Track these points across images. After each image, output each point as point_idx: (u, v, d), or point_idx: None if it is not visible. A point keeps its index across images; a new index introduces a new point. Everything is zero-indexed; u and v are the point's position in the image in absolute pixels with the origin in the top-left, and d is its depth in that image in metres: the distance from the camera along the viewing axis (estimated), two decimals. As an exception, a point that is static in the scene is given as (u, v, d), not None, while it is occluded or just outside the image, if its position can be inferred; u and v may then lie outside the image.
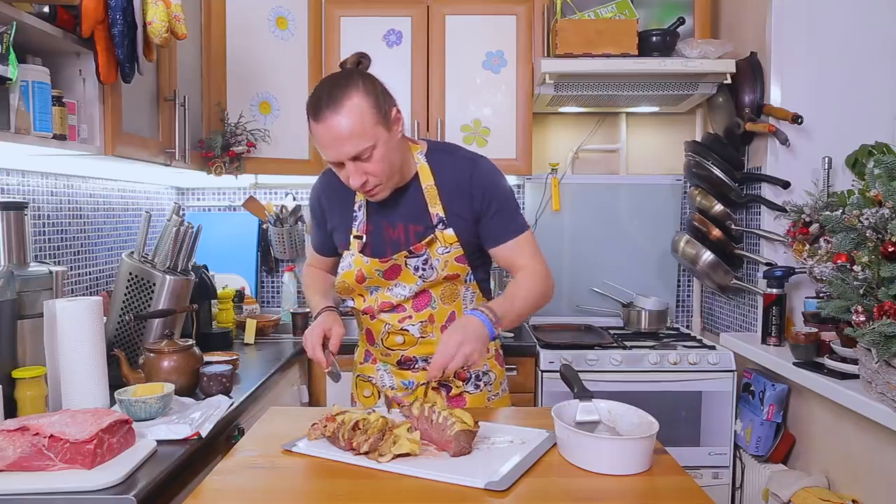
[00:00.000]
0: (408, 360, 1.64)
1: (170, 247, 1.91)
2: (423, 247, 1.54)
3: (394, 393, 1.67)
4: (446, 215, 1.54)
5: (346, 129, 1.38)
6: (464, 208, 1.54)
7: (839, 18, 2.31)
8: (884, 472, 1.78)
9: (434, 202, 1.54)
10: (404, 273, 1.56)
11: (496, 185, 1.56)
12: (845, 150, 2.23)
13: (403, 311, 1.59)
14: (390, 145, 1.44)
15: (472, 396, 1.65)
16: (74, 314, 1.45)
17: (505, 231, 1.56)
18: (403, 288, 1.58)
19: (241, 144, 2.45)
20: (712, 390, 2.41)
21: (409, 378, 1.65)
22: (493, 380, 1.68)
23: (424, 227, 1.55)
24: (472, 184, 1.54)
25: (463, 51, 2.67)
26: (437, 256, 1.54)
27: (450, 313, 1.61)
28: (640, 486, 1.12)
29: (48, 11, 1.50)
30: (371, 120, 1.39)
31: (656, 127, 3.06)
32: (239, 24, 2.53)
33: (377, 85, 1.44)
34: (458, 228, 1.55)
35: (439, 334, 1.59)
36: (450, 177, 1.55)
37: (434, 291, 1.59)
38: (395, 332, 1.61)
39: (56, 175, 2.08)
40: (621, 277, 2.97)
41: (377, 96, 1.41)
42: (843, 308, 1.73)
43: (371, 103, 1.40)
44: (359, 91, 1.39)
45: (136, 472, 1.22)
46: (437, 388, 1.65)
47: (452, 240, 1.54)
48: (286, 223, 2.90)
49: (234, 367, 1.86)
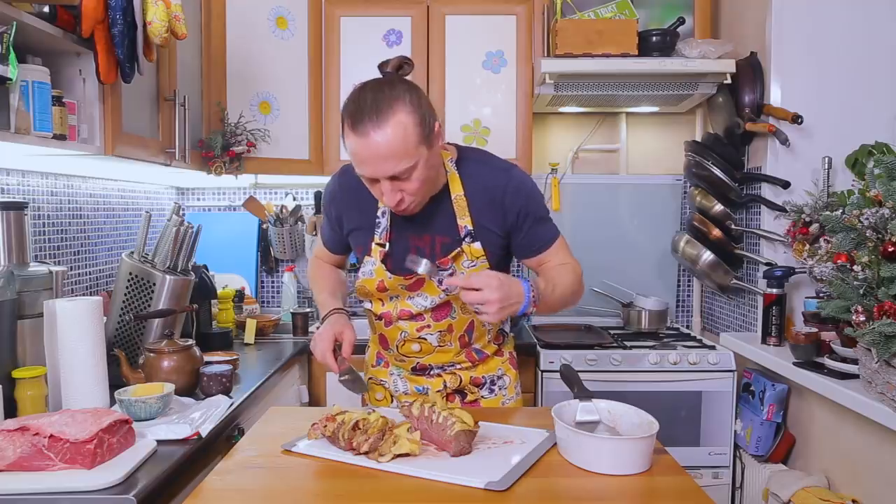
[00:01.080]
0: (423, 368, 1.62)
1: (170, 247, 1.91)
2: (448, 261, 1.47)
3: (406, 399, 1.62)
4: (475, 228, 1.47)
5: (388, 148, 1.27)
6: (494, 222, 1.48)
7: (839, 18, 2.31)
8: (884, 472, 1.78)
9: (463, 214, 1.47)
10: (428, 285, 1.50)
11: (530, 198, 1.50)
12: (845, 150, 2.23)
13: (422, 321, 1.54)
14: (431, 162, 1.36)
15: (486, 402, 1.64)
16: (74, 314, 1.45)
17: (542, 242, 1.53)
18: (425, 299, 1.52)
19: (241, 144, 2.45)
20: (712, 390, 2.41)
21: (424, 384, 1.62)
22: (507, 384, 1.66)
23: (452, 240, 1.48)
24: (506, 198, 1.46)
25: (463, 51, 2.67)
26: (463, 270, 1.48)
27: (468, 323, 1.56)
28: (640, 486, 1.12)
29: (48, 11, 1.50)
30: (415, 140, 1.29)
31: (656, 127, 3.06)
32: (239, 24, 2.53)
33: (423, 98, 1.33)
34: (486, 242, 1.48)
35: (457, 343, 1.57)
36: (481, 188, 1.47)
37: (455, 302, 1.53)
38: (411, 339, 1.57)
39: (56, 175, 2.08)
40: (621, 277, 2.97)
41: (423, 113, 1.31)
42: (843, 308, 1.73)
43: (416, 121, 1.29)
44: (405, 107, 1.28)
45: (136, 472, 1.22)
46: (452, 394, 1.62)
47: (479, 253, 1.48)
48: (286, 223, 2.90)
49: (234, 367, 1.86)
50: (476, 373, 1.63)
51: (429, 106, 1.34)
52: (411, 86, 1.34)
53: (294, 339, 2.52)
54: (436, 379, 1.62)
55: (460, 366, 1.62)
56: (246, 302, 2.77)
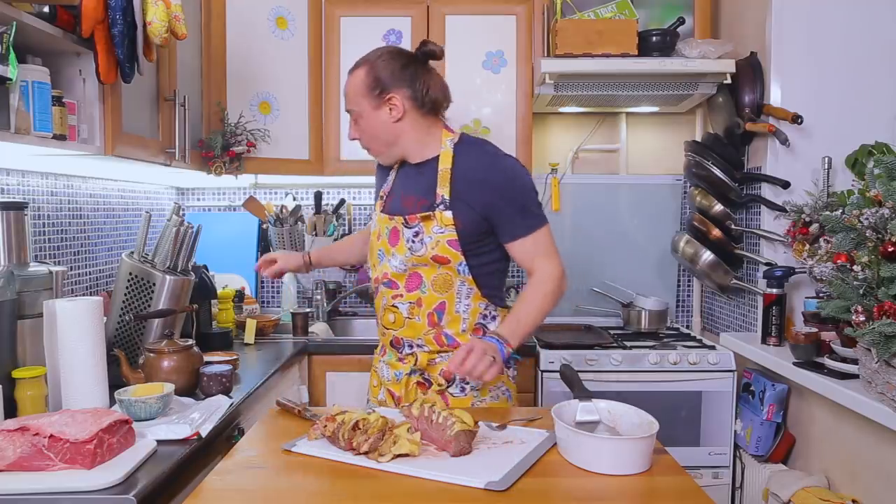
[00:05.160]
0: (398, 343, 1.71)
1: (170, 247, 1.91)
2: (416, 219, 1.63)
3: (389, 385, 1.74)
4: (451, 199, 1.61)
5: (346, 87, 1.68)
6: (472, 197, 1.60)
7: (839, 18, 2.31)
8: (884, 472, 1.78)
9: (444, 184, 1.62)
10: (400, 243, 1.65)
11: (513, 180, 1.62)
12: (845, 150, 2.23)
13: (397, 289, 1.68)
14: (375, 122, 1.64)
15: (455, 400, 1.67)
16: (74, 314, 1.45)
17: (519, 226, 1.62)
18: (397, 259, 1.66)
19: (241, 144, 2.45)
20: (712, 390, 2.41)
21: (399, 369, 1.72)
22: (481, 385, 1.68)
23: (430, 203, 1.63)
24: (488, 176, 1.61)
25: (463, 51, 2.67)
26: (431, 234, 1.62)
27: (439, 302, 1.65)
28: (640, 486, 1.12)
29: (48, 11, 1.50)
30: (361, 92, 1.63)
31: (656, 127, 3.06)
32: (239, 24, 2.53)
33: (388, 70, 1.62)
34: (459, 213, 1.60)
35: (425, 319, 1.66)
36: (467, 166, 1.63)
37: (425, 275, 1.64)
38: (389, 308, 1.70)
39: (56, 175, 2.08)
40: (621, 277, 2.97)
41: (377, 79, 1.61)
42: (843, 308, 1.73)
43: (368, 82, 1.62)
44: (367, 65, 1.63)
45: (136, 472, 1.22)
46: (423, 382, 1.69)
47: (448, 222, 1.60)
48: (286, 223, 2.90)
49: (234, 367, 1.86)
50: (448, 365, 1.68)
51: (390, 78, 1.61)
52: (392, 58, 1.64)
53: (294, 339, 2.52)
54: (406, 363, 1.69)
55: (428, 347, 1.68)
56: (246, 302, 2.77)
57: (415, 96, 1.62)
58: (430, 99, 1.64)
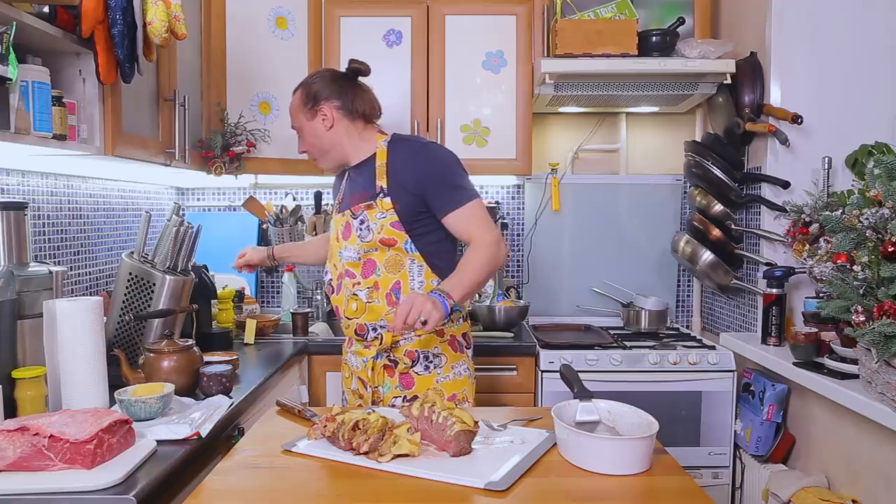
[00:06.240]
0: (362, 330, 1.85)
1: (170, 247, 1.91)
2: (360, 208, 1.82)
3: (358, 373, 1.90)
4: (388, 187, 1.80)
5: (289, 107, 1.93)
6: (407, 180, 1.78)
7: (839, 18, 2.31)
8: (884, 472, 1.78)
9: (381, 176, 1.82)
10: (352, 234, 1.83)
11: (438, 162, 1.81)
12: (845, 150, 2.23)
13: (354, 278, 1.84)
14: (311, 132, 1.88)
15: (420, 378, 1.82)
16: (74, 314, 1.45)
17: (449, 201, 1.77)
18: (350, 250, 1.83)
19: (241, 144, 2.45)
20: (712, 390, 2.41)
21: (366, 356, 1.86)
22: (443, 363, 1.84)
23: (371, 195, 1.82)
24: (417, 161, 1.80)
25: (463, 51, 2.67)
26: (375, 220, 1.79)
27: (395, 282, 1.81)
28: (640, 486, 1.12)
29: (48, 11, 1.50)
30: (297, 108, 1.89)
31: (656, 127, 3.06)
32: (239, 24, 2.53)
33: (318, 86, 1.87)
34: (397, 198, 1.78)
35: (384, 301, 1.81)
36: (400, 157, 1.83)
37: (378, 260, 1.81)
38: (351, 297, 1.84)
39: (56, 175, 2.08)
40: (621, 277, 2.97)
41: (307, 95, 1.87)
42: (843, 308, 1.73)
43: (302, 100, 1.88)
44: (303, 87, 1.90)
45: (136, 472, 1.22)
46: (389, 364, 1.83)
47: (388, 207, 1.79)
48: (286, 223, 2.90)
49: (234, 367, 1.86)
50: (412, 346, 1.83)
51: (318, 95, 1.86)
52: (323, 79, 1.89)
53: (294, 339, 2.52)
54: (372, 348, 1.84)
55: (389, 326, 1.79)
56: (246, 302, 2.77)
57: (343, 106, 1.86)
58: (358, 108, 1.86)
